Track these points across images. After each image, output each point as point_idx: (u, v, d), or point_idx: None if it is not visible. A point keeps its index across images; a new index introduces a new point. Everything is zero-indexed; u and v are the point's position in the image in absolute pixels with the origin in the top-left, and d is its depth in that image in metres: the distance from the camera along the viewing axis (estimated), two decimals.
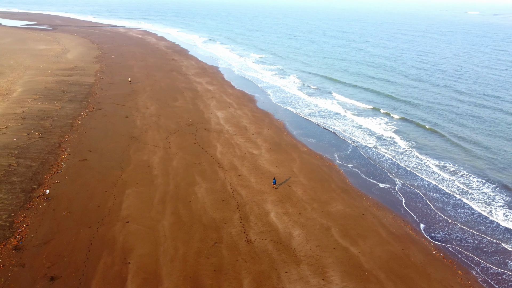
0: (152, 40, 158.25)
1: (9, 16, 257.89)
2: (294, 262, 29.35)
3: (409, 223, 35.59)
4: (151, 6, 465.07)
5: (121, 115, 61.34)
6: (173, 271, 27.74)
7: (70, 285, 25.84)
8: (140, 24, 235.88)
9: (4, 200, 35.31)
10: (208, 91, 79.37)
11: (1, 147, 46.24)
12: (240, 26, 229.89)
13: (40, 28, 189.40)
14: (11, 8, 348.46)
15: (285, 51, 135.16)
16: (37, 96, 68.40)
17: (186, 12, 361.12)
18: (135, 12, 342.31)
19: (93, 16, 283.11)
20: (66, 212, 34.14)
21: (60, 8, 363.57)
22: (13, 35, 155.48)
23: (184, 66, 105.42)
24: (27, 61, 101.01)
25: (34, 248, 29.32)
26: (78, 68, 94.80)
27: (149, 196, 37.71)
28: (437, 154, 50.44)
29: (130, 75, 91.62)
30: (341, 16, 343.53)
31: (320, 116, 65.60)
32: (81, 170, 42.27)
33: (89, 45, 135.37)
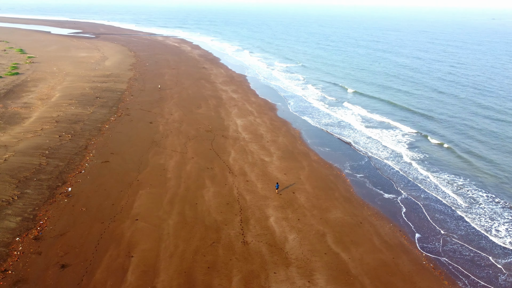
0: (187, 49, 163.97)
1: (58, 24, 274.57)
2: (284, 264, 31.10)
3: (405, 233, 36.36)
4: (188, 15, 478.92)
5: (146, 121, 65.20)
6: (170, 266, 30.25)
7: (77, 273, 28.91)
8: (178, 32, 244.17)
9: (31, 195, 39.31)
10: (232, 99, 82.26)
11: (35, 148, 50.89)
12: (272, 35, 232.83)
13: (84, 36, 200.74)
14: (61, 17, 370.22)
15: (312, 61, 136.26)
16: (73, 101, 73.78)
17: (221, 21, 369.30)
18: (174, 21, 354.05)
19: (135, 25, 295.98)
20: (83, 208, 37.60)
21: (105, 17, 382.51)
22: (59, 43, 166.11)
23: (213, 74, 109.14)
24: (68, 68, 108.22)
25: (51, 239, 32.78)
26: (113, 75, 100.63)
27: (160, 197, 40.61)
28: (448, 169, 50.26)
29: (161, 82, 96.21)
30: (379, 25, 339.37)
31: (336, 126, 66.64)
32: (102, 171, 45.93)
33: (127, 53, 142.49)
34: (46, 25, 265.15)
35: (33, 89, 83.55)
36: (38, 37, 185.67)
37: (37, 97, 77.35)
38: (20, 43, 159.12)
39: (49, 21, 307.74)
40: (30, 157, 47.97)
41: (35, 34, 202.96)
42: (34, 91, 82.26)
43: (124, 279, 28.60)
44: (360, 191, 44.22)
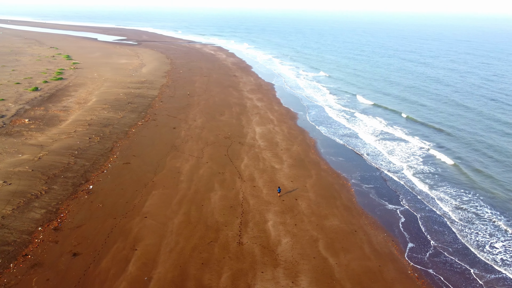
0: (221, 56, 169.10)
1: (105, 31, 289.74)
2: (273, 265, 33.36)
3: (397, 244, 37.53)
4: (227, 22, 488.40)
5: (170, 126, 69.37)
6: (168, 260, 33.33)
7: (86, 261, 32.61)
8: (216, 40, 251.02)
9: (57, 191, 43.89)
10: (256, 107, 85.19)
11: (66, 148, 56.05)
12: (305, 44, 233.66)
13: (127, 43, 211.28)
14: (109, 24, 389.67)
15: (339, 71, 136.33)
16: (106, 106, 79.47)
17: (258, 29, 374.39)
18: (213, 28, 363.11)
19: (176, 32, 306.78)
20: (100, 205, 41.62)
21: (150, 24, 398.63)
22: (103, 49, 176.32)
23: (242, 83, 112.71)
24: (107, 74, 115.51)
25: (68, 230, 36.86)
26: (147, 82, 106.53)
27: (170, 197, 44.01)
28: (456, 186, 50.16)
29: (191, 89, 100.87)
30: (419, 34, 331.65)
31: (352, 137, 67.71)
32: (122, 172, 50.09)
33: (164, 60, 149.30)
34: (94, 32, 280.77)
35: (73, 94, 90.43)
36: (85, 44, 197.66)
37: (76, 101, 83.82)
38: (68, 50, 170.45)
39: (98, 28, 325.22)
40: (61, 156, 53.01)
41: (83, 41, 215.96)
42: (74, 95, 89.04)
43: (126, 269, 31.96)
44: (362, 201, 45.57)
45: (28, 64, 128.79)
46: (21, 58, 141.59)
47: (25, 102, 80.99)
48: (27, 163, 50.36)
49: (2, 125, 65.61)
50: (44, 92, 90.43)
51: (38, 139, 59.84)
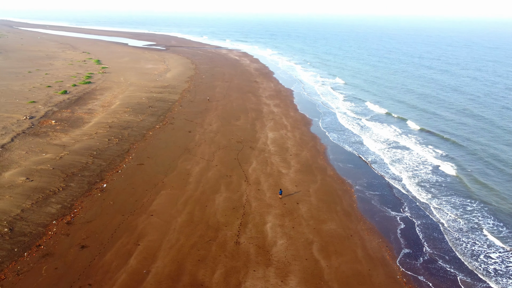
0: (245, 62, 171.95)
1: (136, 36, 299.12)
2: (265, 264, 35.02)
3: (391, 249, 38.37)
4: (253, 27, 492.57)
5: (185, 130, 72.16)
6: (167, 256, 35.58)
7: (92, 253, 35.30)
8: (242, 45, 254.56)
9: (73, 188, 47.15)
10: (272, 113, 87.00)
11: (86, 148, 59.65)
12: (328, 50, 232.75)
13: (156, 48, 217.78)
14: (141, 29, 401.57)
15: (358, 78, 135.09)
16: (128, 109, 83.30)
17: (282, 34, 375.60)
18: (238, 34, 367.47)
19: (204, 37, 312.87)
20: (111, 202, 44.49)
21: (180, 29, 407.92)
22: (131, 54, 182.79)
23: (262, 88, 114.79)
24: (133, 79, 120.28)
25: (79, 224, 39.79)
26: (170, 87, 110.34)
27: (177, 197, 46.40)
28: (462, 196, 50.18)
29: (211, 94, 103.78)
30: (450, 40, 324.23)
31: (362, 145, 68.15)
32: (135, 172, 53.00)
33: (189, 66, 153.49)
34: (126, 37, 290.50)
35: (99, 97, 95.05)
36: (115, 49, 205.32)
37: (100, 104, 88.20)
38: (98, 54, 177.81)
39: (129, 33, 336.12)
40: (80, 156, 56.56)
41: (113, 46, 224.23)
42: (99, 99, 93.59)
43: (127, 262, 34.41)
44: (363, 207, 46.49)
45: (61, 68, 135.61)
46: (54, 62, 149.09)
47: (54, 104, 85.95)
48: (49, 161, 54.08)
49: (31, 126, 70.17)
50: (72, 95, 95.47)
51: (62, 139, 63.82)
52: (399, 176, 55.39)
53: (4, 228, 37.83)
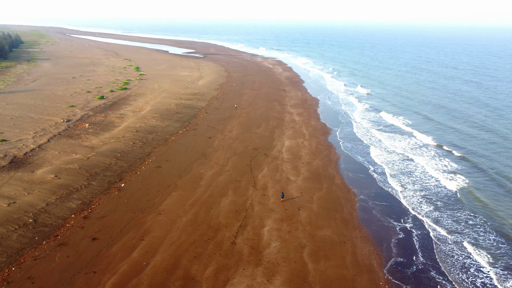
0: (278, 71, 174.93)
1: (177, 44, 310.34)
2: (255, 264, 37.54)
3: (381, 258, 39.66)
4: (291, 35, 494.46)
5: (206, 136, 75.98)
6: (167, 251, 38.94)
7: (101, 245, 39.31)
8: (278, 53, 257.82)
9: (94, 186, 51.85)
10: (293, 121, 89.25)
11: (111, 150, 64.71)
12: (359, 60, 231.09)
13: (194, 56, 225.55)
14: (184, 37, 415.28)
15: (386, 90, 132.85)
16: (156, 115, 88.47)
17: (317, 42, 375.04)
18: (276, 42, 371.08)
19: (242, 45, 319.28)
20: (125, 200, 48.65)
21: (220, 37, 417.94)
22: (169, 62, 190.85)
23: (289, 97, 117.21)
24: (166, 85, 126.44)
25: (94, 219, 44.10)
26: (199, 94, 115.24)
27: (186, 199, 49.88)
28: (466, 213, 50.33)
29: (238, 102, 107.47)
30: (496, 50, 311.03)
31: (375, 157, 68.49)
32: (152, 174, 57.15)
33: (222, 73, 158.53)
34: (168, 45, 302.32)
35: (132, 103, 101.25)
36: (155, 56, 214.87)
37: (132, 109, 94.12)
38: (139, 61, 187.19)
39: (171, 40, 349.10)
40: (105, 158, 61.58)
41: (154, 53, 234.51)
42: (132, 104, 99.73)
43: (130, 254, 38.08)
44: (362, 216, 47.86)
45: (102, 75, 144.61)
46: (97, 69, 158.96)
47: (90, 109, 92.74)
48: (77, 161, 59.41)
49: (66, 128, 76.60)
50: (108, 100, 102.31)
51: (92, 141, 69.40)
52: (406, 188, 55.99)
53: (29, 219, 42.73)
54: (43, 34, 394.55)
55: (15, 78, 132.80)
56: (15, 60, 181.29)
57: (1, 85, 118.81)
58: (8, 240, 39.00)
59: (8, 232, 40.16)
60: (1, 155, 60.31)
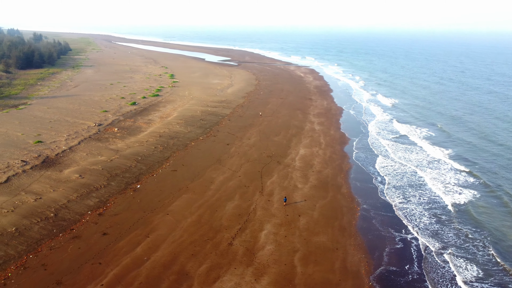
0: (308, 79, 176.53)
1: (214, 52, 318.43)
2: (247, 264, 40.06)
3: (370, 266, 41.00)
4: (327, 42, 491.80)
5: (224, 142, 79.35)
6: (168, 248, 42.26)
7: (110, 240, 43.26)
8: (311, 61, 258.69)
9: (113, 186, 56.35)
10: (312, 130, 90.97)
11: (134, 154, 69.42)
12: (390, 69, 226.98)
13: (228, 64, 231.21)
14: (222, 44, 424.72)
15: (414, 102, 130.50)
16: (181, 122, 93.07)
17: (351, 50, 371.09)
18: (311, 49, 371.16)
19: (277, 53, 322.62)
20: (138, 200, 52.67)
21: (257, 45, 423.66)
22: (204, 69, 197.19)
23: (313, 106, 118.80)
24: (196, 93, 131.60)
25: (108, 216, 48.30)
26: (226, 102, 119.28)
27: (194, 201, 53.21)
28: (469, 228, 50.43)
29: (262, 110, 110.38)
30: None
31: (388, 169, 68.86)
32: (167, 177, 61.05)
33: (251, 82, 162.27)
34: (205, 52, 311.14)
35: (161, 109, 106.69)
36: (191, 64, 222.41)
37: (160, 115, 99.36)
38: (175, 69, 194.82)
39: (209, 48, 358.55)
40: (127, 160, 66.27)
41: (191, 61, 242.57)
42: (161, 110, 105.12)
43: (134, 249, 41.72)
44: (361, 225, 49.16)
45: (138, 81, 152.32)
46: (134, 76, 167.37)
47: (121, 114, 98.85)
48: (101, 163, 64.42)
49: (97, 132, 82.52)
50: (139, 106, 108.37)
51: (118, 145, 74.58)
52: (409, 201, 56.42)
53: (51, 214, 47.54)
54: (90, 42, 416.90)
55: (59, 83, 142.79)
56: (62, 66, 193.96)
57: (45, 90, 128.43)
58: (30, 231, 43.80)
59: (31, 224, 45.02)
60: (36, 155, 66.41)
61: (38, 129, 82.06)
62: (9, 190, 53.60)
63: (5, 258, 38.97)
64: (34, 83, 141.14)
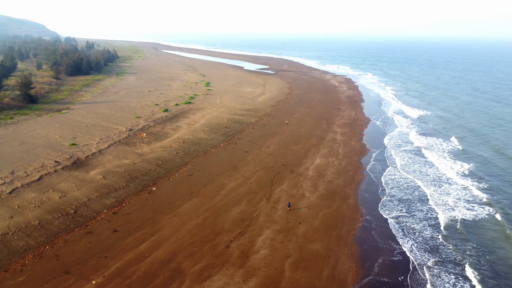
0: (342, 89, 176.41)
1: (254, 60, 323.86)
2: (239, 266, 42.59)
3: (358, 275, 42.14)
4: (367, 50, 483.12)
5: (244, 150, 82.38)
6: (169, 247, 45.66)
7: (118, 236, 47.33)
8: (349, 70, 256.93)
9: (131, 188, 60.87)
10: (333, 141, 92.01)
11: (155, 158, 74.04)
12: (426, 80, 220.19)
13: (265, 72, 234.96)
14: (263, 53, 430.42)
15: (446, 116, 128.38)
16: (206, 129, 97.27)
17: (388, 58, 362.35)
18: (349, 58, 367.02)
19: (317, 62, 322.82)
20: (151, 202, 56.71)
21: (298, 53, 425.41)
22: (239, 78, 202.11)
23: (340, 116, 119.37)
24: (227, 101, 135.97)
25: (121, 215, 52.60)
26: (253, 110, 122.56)
27: (202, 205, 56.49)
28: (473, 247, 50.10)
29: (288, 119, 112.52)
30: None
31: (400, 181, 68.71)
32: (182, 181, 64.87)
33: (284, 91, 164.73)
34: (245, 60, 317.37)
35: (190, 116, 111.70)
36: (229, 72, 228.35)
37: (188, 122, 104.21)
38: (211, 77, 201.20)
39: (249, 56, 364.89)
40: (148, 164, 70.92)
41: (229, 69, 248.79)
42: (190, 118, 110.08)
43: (138, 246, 45.46)
44: (359, 235, 50.22)
45: (174, 89, 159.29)
46: (172, 83, 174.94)
47: (153, 120, 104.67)
48: (124, 166, 69.44)
49: (127, 136, 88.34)
50: (170, 113, 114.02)
51: (143, 149, 79.67)
52: (414, 215, 56.47)
53: (71, 210, 52.54)
54: (138, 50, 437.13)
55: (101, 90, 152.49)
56: (107, 73, 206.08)
57: (88, 96, 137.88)
58: (50, 225, 48.83)
59: (52, 219, 50.12)
60: (68, 157, 72.65)
61: (75, 133, 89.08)
62: (39, 187, 59.46)
63: (25, 248, 43.95)
64: (79, 89, 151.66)
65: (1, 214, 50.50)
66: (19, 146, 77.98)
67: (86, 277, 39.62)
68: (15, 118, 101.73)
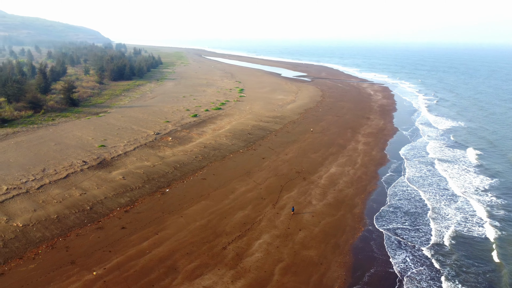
0: (376, 97, 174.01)
1: (293, 67, 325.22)
2: (231, 267, 44.61)
3: (345, 284, 42.80)
4: (409, 58, 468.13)
5: (261, 156, 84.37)
6: (169, 245, 48.51)
7: (125, 233, 50.85)
8: (388, 79, 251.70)
9: (146, 188, 64.67)
10: (353, 150, 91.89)
11: (175, 161, 77.74)
12: (460, 87, 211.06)
13: (301, 80, 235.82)
14: (304, 60, 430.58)
15: (479, 132, 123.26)
16: (229, 134, 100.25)
17: (428, 67, 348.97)
18: (389, 66, 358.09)
19: (357, 69, 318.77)
20: (162, 202, 60.07)
21: (339, 61, 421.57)
22: (274, 85, 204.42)
23: (367, 125, 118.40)
24: (256, 108, 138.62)
25: (131, 213, 56.26)
26: (279, 117, 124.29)
27: (209, 207, 59.09)
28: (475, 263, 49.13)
29: (314, 127, 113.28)
30: None
31: (412, 194, 67.77)
32: (195, 184, 67.89)
33: (316, 98, 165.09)
34: (283, 67, 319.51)
35: (217, 122, 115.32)
36: (265, 79, 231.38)
37: (213, 128, 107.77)
38: (246, 84, 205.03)
39: (289, 63, 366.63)
40: (166, 167, 74.70)
41: (265, 76, 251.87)
42: (216, 123, 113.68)
43: (141, 243, 48.67)
44: (357, 244, 50.67)
45: (208, 95, 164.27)
46: (207, 89, 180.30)
47: (181, 125, 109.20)
48: (144, 168, 73.61)
49: (153, 140, 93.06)
50: (199, 118, 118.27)
51: (165, 152, 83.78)
52: (419, 229, 55.90)
53: (87, 207, 56.90)
54: (182, 56, 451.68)
55: (139, 95, 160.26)
56: (148, 79, 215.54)
57: (126, 100, 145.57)
58: (67, 219, 53.28)
59: (69, 214, 54.62)
60: (95, 157, 77.99)
61: (106, 135, 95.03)
62: (65, 184, 64.63)
63: (41, 238, 48.44)
64: (119, 94, 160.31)
65: (26, 207, 55.69)
66: (54, 146, 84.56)
67: (88, 268, 43.19)
68: (56, 120, 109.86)
